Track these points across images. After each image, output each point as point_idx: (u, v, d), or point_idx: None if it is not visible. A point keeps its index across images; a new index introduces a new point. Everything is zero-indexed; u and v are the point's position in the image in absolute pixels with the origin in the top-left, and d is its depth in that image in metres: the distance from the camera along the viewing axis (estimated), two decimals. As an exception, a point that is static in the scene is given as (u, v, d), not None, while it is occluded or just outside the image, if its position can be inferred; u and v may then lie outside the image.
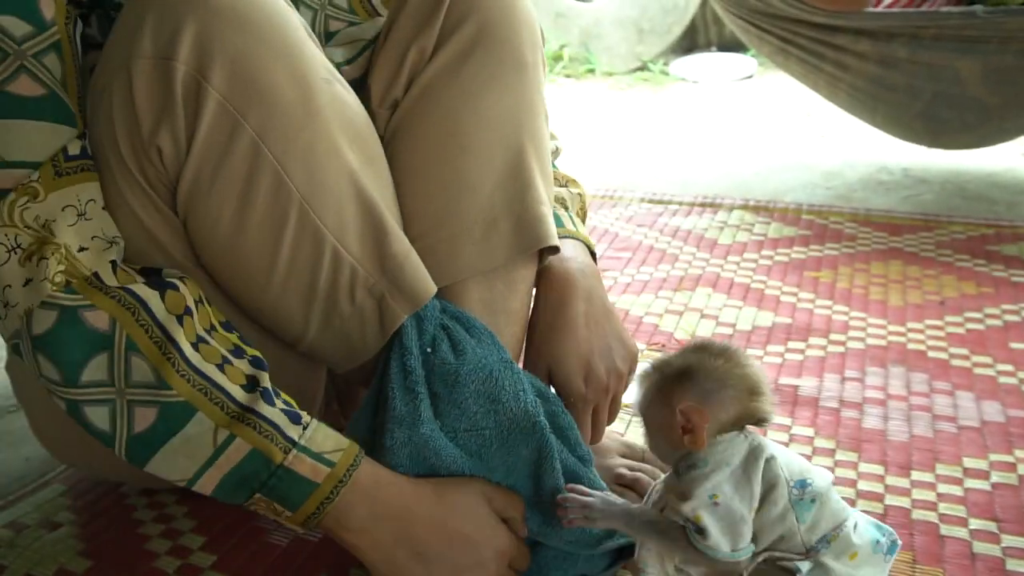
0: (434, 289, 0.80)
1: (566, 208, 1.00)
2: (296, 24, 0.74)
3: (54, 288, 0.70)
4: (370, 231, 0.77)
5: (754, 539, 0.71)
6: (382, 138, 0.87)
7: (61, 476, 1.07)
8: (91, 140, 0.74)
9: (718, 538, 0.69)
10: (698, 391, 0.72)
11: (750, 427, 0.74)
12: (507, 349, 0.82)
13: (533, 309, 0.93)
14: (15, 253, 0.70)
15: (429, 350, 0.79)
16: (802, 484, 0.72)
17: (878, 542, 0.74)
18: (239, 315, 0.80)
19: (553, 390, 0.87)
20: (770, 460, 0.72)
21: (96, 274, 0.72)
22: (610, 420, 0.94)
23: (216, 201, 0.73)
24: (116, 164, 0.73)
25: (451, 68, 0.83)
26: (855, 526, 0.74)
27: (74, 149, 0.73)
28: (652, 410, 0.75)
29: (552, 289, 0.91)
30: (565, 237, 0.94)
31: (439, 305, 0.81)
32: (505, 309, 0.86)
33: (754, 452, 0.72)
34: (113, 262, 0.73)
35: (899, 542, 0.76)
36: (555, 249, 0.88)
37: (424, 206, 0.84)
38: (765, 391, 0.74)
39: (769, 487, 0.71)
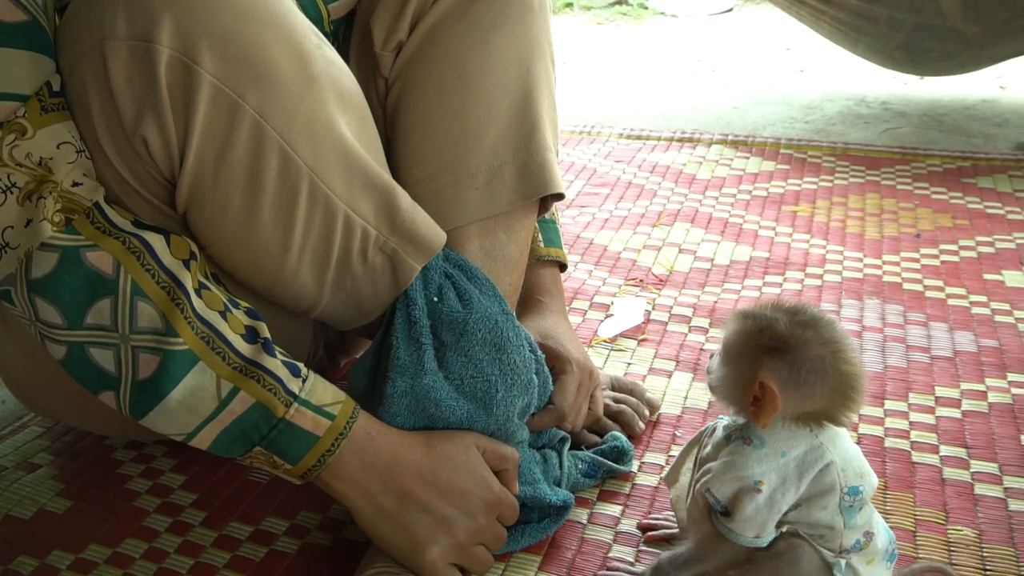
0: (444, 236, 0.79)
1: (555, 219, 1.04)
2: None
3: (54, 228, 0.67)
4: (377, 191, 0.75)
5: (780, 524, 0.70)
6: (386, 80, 0.85)
7: (38, 419, 1.07)
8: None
9: (744, 524, 0.68)
10: (791, 376, 0.67)
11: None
12: (505, 297, 0.82)
13: (537, 282, 0.97)
14: (11, 192, 0.67)
15: (436, 299, 0.78)
16: (855, 491, 0.69)
17: (886, 549, 0.73)
18: (225, 278, 0.77)
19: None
20: (829, 466, 0.68)
21: (97, 205, 0.69)
22: (587, 416, 0.94)
23: (223, 190, 0.69)
24: (95, 152, 0.69)
25: (457, 10, 0.81)
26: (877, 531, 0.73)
27: (57, 84, 0.69)
28: (736, 360, 0.70)
29: (558, 288, 1.00)
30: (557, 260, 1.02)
31: (442, 253, 0.80)
32: (504, 256, 0.85)
33: (813, 453, 0.68)
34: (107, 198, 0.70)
35: (896, 553, 0.75)
36: (559, 196, 0.88)
37: (428, 150, 0.82)
38: (859, 397, 0.69)
39: (822, 492, 0.69)
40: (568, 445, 0.91)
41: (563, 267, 1.03)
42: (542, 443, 0.89)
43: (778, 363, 0.67)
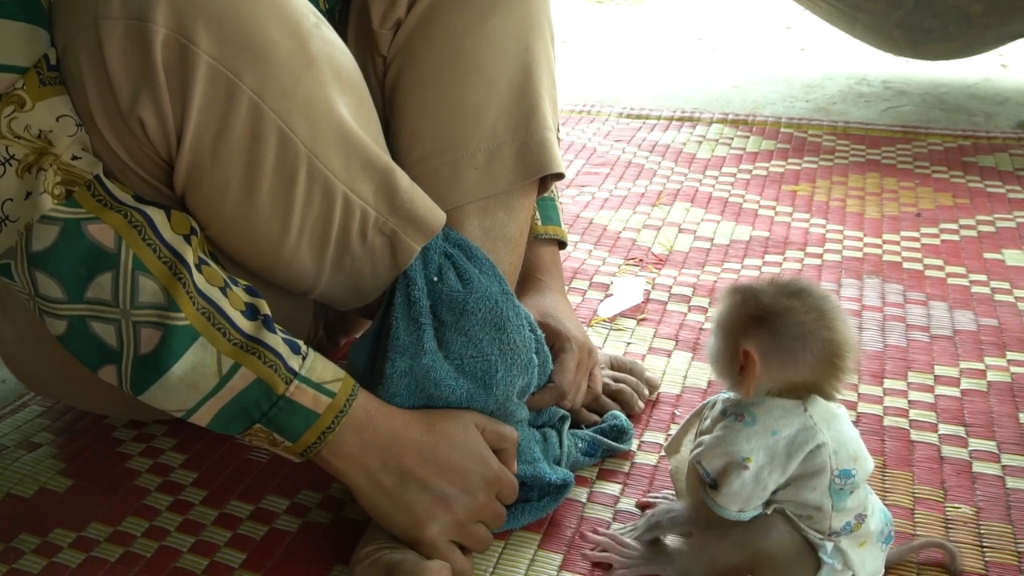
0: (443, 217, 0.79)
1: (555, 198, 1.03)
2: None
3: (55, 201, 0.67)
4: (375, 172, 0.74)
5: (768, 503, 0.71)
6: (384, 58, 0.85)
7: (39, 398, 1.07)
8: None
9: (728, 498, 0.69)
10: (772, 343, 0.68)
11: (810, 397, 0.71)
12: (505, 277, 0.82)
13: (536, 261, 0.97)
14: (10, 165, 0.66)
15: (436, 279, 0.78)
16: (846, 474, 0.69)
17: (881, 531, 0.74)
18: (225, 260, 0.77)
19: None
20: (820, 447, 0.68)
21: (98, 178, 0.68)
22: (586, 394, 0.94)
23: (221, 171, 0.69)
24: (91, 131, 0.69)
25: None
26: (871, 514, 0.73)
27: (54, 58, 0.68)
28: (724, 333, 0.71)
29: (557, 266, 1.00)
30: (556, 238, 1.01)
31: (442, 233, 0.80)
32: (504, 236, 0.85)
33: (805, 433, 0.69)
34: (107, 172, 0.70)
35: (893, 534, 0.76)
36: (559, 175, 0.87)
37: (428, 130, 0.82)
38: (845, 364, 0.69)
39: (812, 473, 0.69)
40: (568, 424, 0.91)
41: (562, 245, 1.03)
42: (542, 421, 0.89)
43: (760, 331, 0.68)
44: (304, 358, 0.72)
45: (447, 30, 0.81)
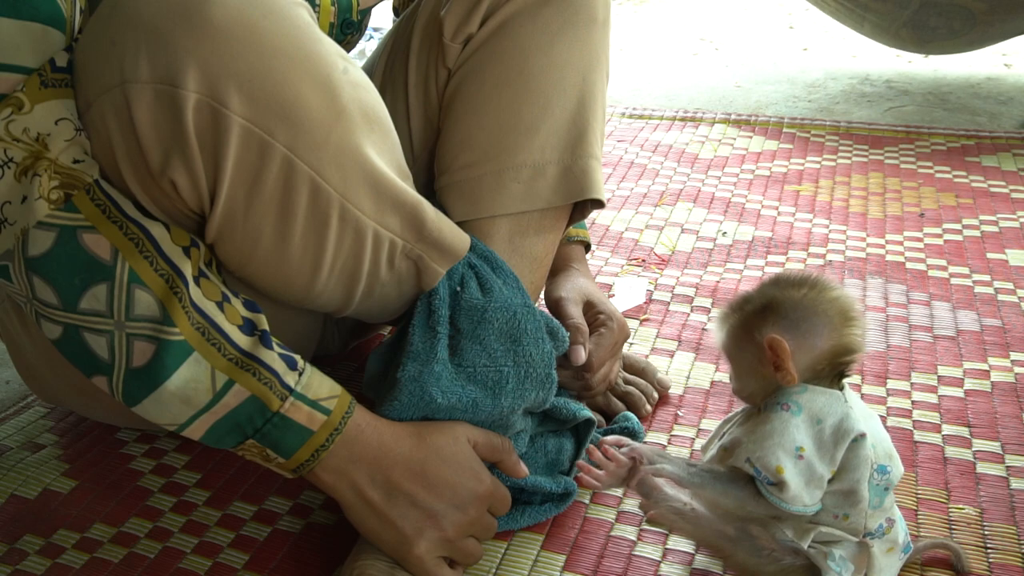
0: (468, 242, 0.80)
1: None
2: (306, 19, 0.69)
3: (52, 207, 0.66)
4: (404, 207, 0.74)
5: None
6: (448, 71, 0.87)
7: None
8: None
9: (799, 492, 0.68)
10: (785, 323, 0.69)
11: (848, 390, 0.71)
12: (528, 294, 0.82)
13: (569, 256, 1.01)
14: (8, 168, 0.66)
15: (459, 288, 0.79)
16: (883, 470, 0.70)
17: (903, 542, 0.74)
18: (251, 292, 0.77)
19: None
20: (861, 439, 0.69)
21: (98, 182, 0.67)
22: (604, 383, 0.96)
23: (254, 223, 0.69)
24: (119, 185, 0.68)
25: (529, 9, 0.83)
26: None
27: (61, 61, 0.67)
28: (739, 349, 0.72)
29: (586, 264, 1.04)
30: (584, 241, 1.06)
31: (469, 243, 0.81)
32: (531, 255, 0.86)
33: (847, 422, 0.69)
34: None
35: (911, 544, 0.76)
36: (600, 203, 0.89)
37: (479, 137, 0.83)
38: (857, 317, 0.70)
39: (856, 465, 0.69)
40: (593, 429, 0.90)
41: (587, 247, 1.06)
42: (563, 418, 0.88)
43: (771, 317, 0.70)
44: (300, 374, 0.72)
45: (515, 47, 0.83)
